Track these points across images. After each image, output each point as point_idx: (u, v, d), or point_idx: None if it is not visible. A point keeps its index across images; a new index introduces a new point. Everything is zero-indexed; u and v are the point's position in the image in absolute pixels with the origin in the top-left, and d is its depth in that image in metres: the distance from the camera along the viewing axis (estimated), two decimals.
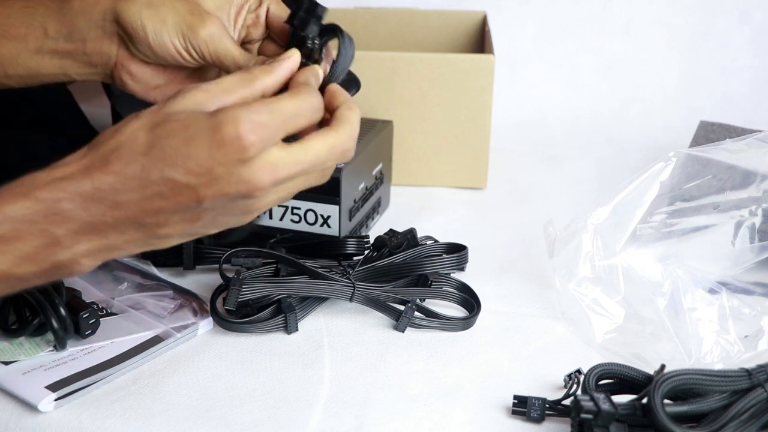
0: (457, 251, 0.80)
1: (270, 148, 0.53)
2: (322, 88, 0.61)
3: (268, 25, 0.70)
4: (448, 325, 0.76)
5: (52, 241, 0.53)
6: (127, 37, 0.66)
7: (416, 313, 0.75)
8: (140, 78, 0.68)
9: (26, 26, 0.67)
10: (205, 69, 0.71)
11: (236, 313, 0.73)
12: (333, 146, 0.57)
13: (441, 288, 0.79)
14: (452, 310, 0.78)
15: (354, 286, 0.74)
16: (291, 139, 0.56)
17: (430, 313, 0.76)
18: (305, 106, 0.56)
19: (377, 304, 0.75)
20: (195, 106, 0.55)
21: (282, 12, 0.69)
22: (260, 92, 0.57)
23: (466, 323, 0.76)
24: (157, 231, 0.55)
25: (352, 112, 0.59)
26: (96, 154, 0.54)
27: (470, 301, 0.78)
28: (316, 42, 0.62)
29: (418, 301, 0.76)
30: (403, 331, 0.75)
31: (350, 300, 0.75)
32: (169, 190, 0.53)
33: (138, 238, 0.55)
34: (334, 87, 0.61)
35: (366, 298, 0.75)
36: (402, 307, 0.75)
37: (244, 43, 0.70)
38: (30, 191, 0.53)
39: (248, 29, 0.70)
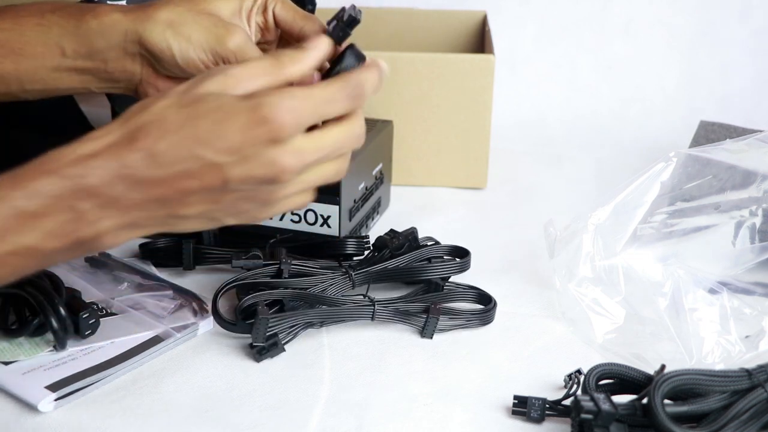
0: (460, 256, 0.80)
1: (298, 134, 0.54)
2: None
3: (278, 26, 0.70)
4: (472, 321, 0.76)
5: (77, 216, 0.53)
6: (152, 57, 0.66)
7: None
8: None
9: (42, 45, 0.66)
10: None
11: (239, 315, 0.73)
12: (349, 131, 0.57)
13: (455, 289, 0.79)
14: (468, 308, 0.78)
15: (374, 305, 0.74)
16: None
17: (454, 313, 0.76)
18: (341, 95, 0.56)
19: (401, 315, 0.75)
20: (222, 90, 0.55)
21: (287, 13, 0.69)
22: (285, 81, 0.57)
23: (487, 316, 0.76)
24: (179, 210, 0.55)
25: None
26: (124, 131, 0.53)
27: (485, 296, 0.78)
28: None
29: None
30: (431, 338, 0.75)
31: (372, 319, 0.74)
32: (197, 169, 0.53)
33: (160, 216, 0.55)
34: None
35: (388, 313, 0.75)
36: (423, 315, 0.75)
37: (259, 44, 0.70)
38: (58, 168, 0.53)
39: (262, 32, 0.70)
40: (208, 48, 0.65)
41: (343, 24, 0.61)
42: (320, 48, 0.59)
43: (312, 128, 0.56)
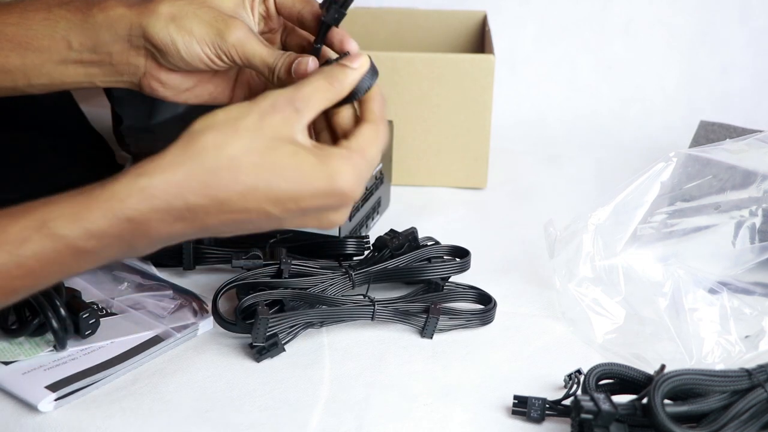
0: (460, 256, 0.80)
1: None
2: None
3: (279, 13, 0.70)
4: (472, 321, 0.76)
5: (129, 249, 0.55)
6: (156, 51, 0.66)
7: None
8: (170, 85, 0.69)
9: (48, 38, 0.67)
10: (229, 69, 0.71)
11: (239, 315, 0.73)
12: (379, 146, 0.61)
13: (455, 289, 0.79)
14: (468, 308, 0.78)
15: (374, 305, 0.74)
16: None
17: (454, 313, 0.76)
18: (383, 145, 0.61)
19: (401, 315, 0.75)
20: (292, 123, 0.56)
21: (287, 0, 0.69)
22: (340, 99, 0.60)
23: (487, 316, 0.76)
24: (220, 234, 0.58)
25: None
26: (193, 172, 0.54)
27: (485, 296, 0.78)
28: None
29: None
30: (431, 338, 0.75)
31: (372, 319, 0.74)
32: (259, 217, 0.56)
33: (199, 236, 0.57)
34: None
35: (388, 313, 0.75)
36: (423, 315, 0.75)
37: (263, 34, 0.71)
38: (122, 209, 0.53)
39: (265, 21, 0.70)
40: (209, 41, 0.65)
41: (338, 6, 0.64)
42: (363, 67, 0.61)
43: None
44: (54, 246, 0.52)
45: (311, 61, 0.63)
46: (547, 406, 0.64)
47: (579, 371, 0.66)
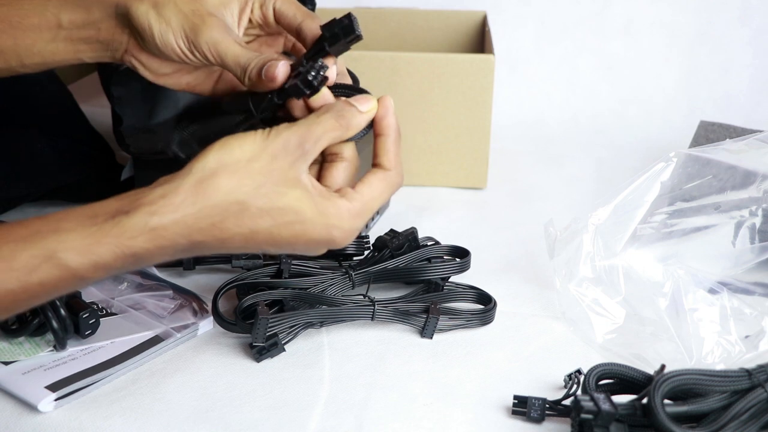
0: (460, 256, 0.80)
1: None
2: None
3: (278, 22, 0.70)
4: (472, 321, 0.76)
5: (134, 266, 0.57)
6: (137, 33, 0.66)
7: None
8: (149, 67, 0.69)
9: (39, 16, 0.68)
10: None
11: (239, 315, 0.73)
12: (387, 196, 0.62)
13: (455, 289, 0.79)
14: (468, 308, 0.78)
15: (374, 305, 0.74)
16: None
17: (454, 313, 0.76)
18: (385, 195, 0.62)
19: (401, 315, 0.75)
20: (300, 163, 0.58)
21: (288, 8, 0.69)
22: (348, 137, 0.62)
23: (487, 316, 0.76)
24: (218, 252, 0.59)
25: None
26: (201, 211, 0.55)
27: (485, 296, 0.78)
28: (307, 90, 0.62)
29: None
30: (431, 338, 0.75)
31: (372, 319, 0.74)
32: (254, 249, 0.58)
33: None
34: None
35: (388, 313, 0.75)
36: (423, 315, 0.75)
37: (259, 37, 0.71)
38: (128, 245, 0.54)
39: (261, 27, 0.70)
40: (183, 35, 0.65)
41: (345, 41, 0.63)
42: (371, 112, 0.63)
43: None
44: (60, 275, 0.54)
45: (281, 66, 0.61)
46: (547, 406, 0.64)
47: (579, 371, 0.66)
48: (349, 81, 0.66)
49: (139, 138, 0.95)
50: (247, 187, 0.56)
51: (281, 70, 0.62)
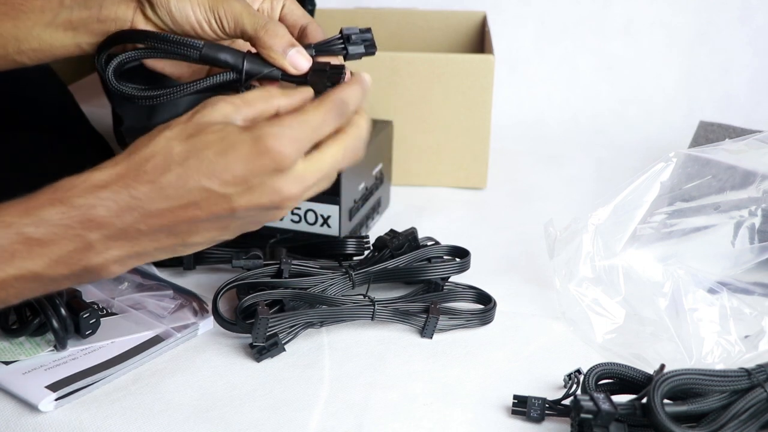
0: (460, 256, 0.80)
1: (298, 161, 0.56)
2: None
3: (281, 20, 0.70)
4: (472, 321, 0.76)
5: (85, 246, 0.55)
6: (147, 4, 0.66)
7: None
8: None
9: None
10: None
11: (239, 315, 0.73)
12: (346, 150, 0.59)
13: (455, 289, 0.79)
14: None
15: (374, 305, 0.74)
16: None
17: (454, 313, 0.76)
18: (330, 117, 0.58)
19: (401, 315, 0.75)
20: (223, 118, 0.57)
21: (297, 10, 0.69)
22: (275, 110, 0.59)
23: (487, 316, 0.76)
24: (187, 239, 0.57)
25: (359, 116, 0.61)
26: (131, 162, 0.55)
27: (485, 296, 0.78)
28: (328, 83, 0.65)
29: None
30: (431, 338, 0.75)
31: (372, 319, 0.74)
32: (204, 200, 0.55)
33: (168, 245, 0.57)
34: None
35: (388, 313, 0.75)
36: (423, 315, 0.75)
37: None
38: (67, 197, 0.54)
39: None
40: (206, 4, 0.65)
41: (363, 49, 0.68)
42: (307, 95, 0.61)
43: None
44: (6, 233, 0.53)
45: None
46: (547, 405, 0.64)
47: (579, 371, 0.66)
48: None
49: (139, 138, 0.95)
50: (165, 133, 0.56)
51: (303, 60, 0.65)
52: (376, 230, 0.93)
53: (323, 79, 0.65)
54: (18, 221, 0.53)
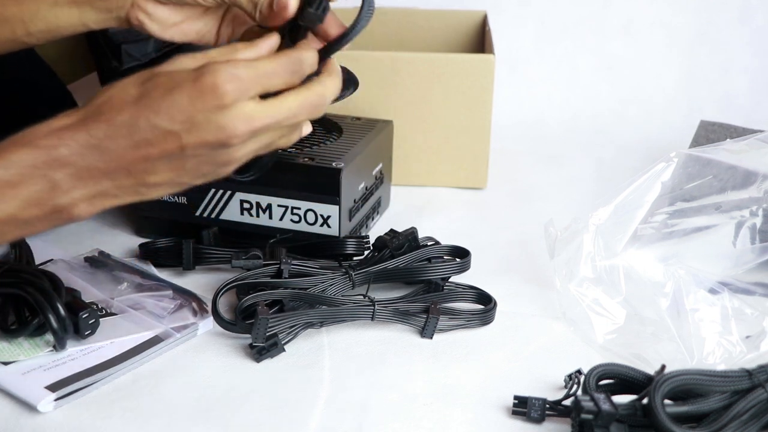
0: (460, 256, 0.80)
1: (246, 100, 0.57)
2: (328, 55, 0.64)
3: None
4: (472, 321, 0.76)
5: (51, 186, 0.57)
6: None
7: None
8: (157, 17, 0.70)
9: None
10: (218, 6, 0.72)
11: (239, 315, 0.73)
12: (304, 101, 0.61)
13: (455, 289, 0.79)
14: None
15: (374, 305, 0.74)
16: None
17: (454, 313, 0.76)
18: (281, 68, 0.60)
19: (401, 315, 0.75)
20: (181, 67, 0.59)
21: None
22: (236, 59, 0.60)
23: (487, 316, 0.76)
24: (145, 178, 0.59)
25: (328, 75, 0.63)
26: (90, 107, 0.58)
27: (485, 296, 0.78)
28: (320, 11, 0.64)
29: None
30: (431, 338, 0.75)
31: (372, 319, 0.74)
32: (154, 137, 0.57)
33: (128, 185, 0.59)
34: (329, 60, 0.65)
35: (388, 313, 0.75)
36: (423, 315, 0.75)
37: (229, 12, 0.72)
38: (32, 140, 0.57)
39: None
40: None
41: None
42: (271, 42, 0.63)
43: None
44: None
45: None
46: (548, 406, 0.64)
47: (579, 371, 0.66)
48: None
49: None
50: (122, 81, 0.58)
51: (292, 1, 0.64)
52: (376, 230, 0.93)
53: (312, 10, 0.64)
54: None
